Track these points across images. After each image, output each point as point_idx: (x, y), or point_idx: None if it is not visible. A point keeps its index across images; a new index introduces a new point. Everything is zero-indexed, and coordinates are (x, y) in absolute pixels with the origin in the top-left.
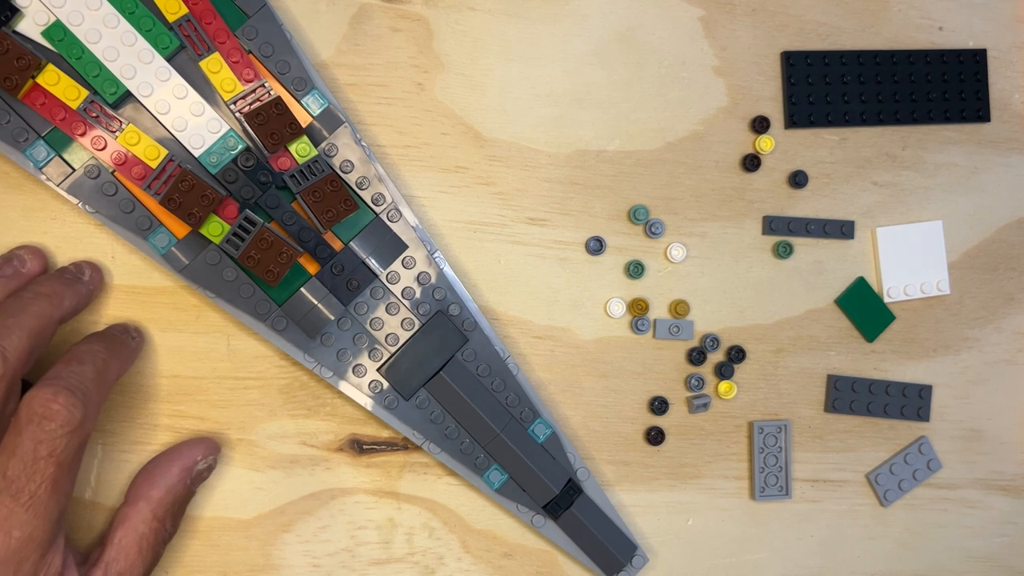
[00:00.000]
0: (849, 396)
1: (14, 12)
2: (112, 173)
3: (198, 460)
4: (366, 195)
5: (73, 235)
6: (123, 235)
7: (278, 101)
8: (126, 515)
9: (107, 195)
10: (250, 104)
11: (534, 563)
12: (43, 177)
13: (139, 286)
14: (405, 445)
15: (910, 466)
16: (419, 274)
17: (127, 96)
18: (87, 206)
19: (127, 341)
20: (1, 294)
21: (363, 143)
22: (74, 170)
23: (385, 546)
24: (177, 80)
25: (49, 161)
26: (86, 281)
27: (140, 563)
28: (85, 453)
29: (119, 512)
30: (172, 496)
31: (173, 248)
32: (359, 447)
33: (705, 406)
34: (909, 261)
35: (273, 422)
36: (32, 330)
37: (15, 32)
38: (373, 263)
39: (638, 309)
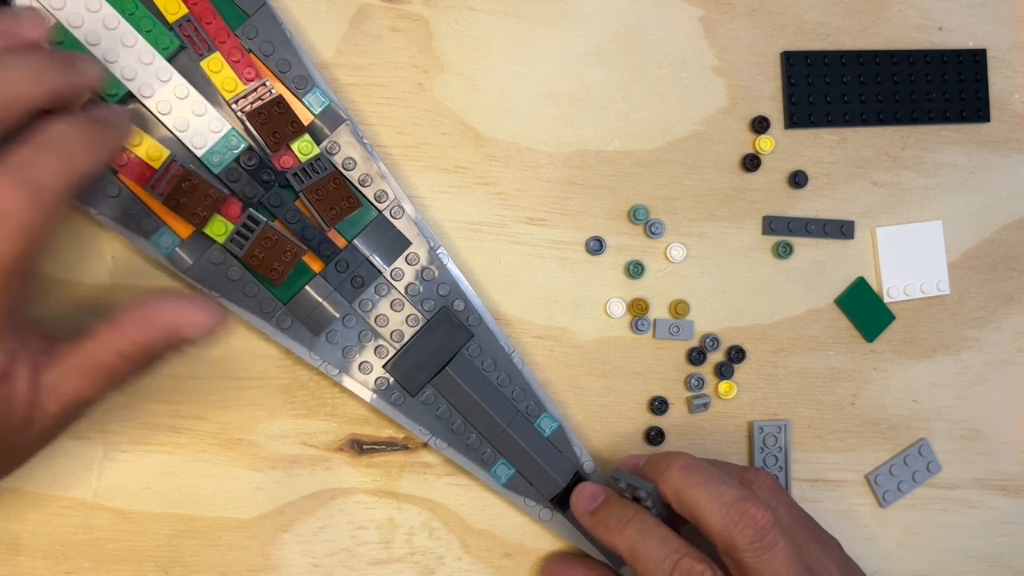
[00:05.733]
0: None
1: None
2: (115, 174)
3: (192, 325)
4: (368, 192)
5: (75, 236)
6: (127, 236)
7: (279, 100)
8: (99, 334)
9: (110, 196)
10: (251, 103)
11: (534, 563)
12: None
13: (140, 286)
14: (405, 445)
15: (910, 468)
16: (423, 270)
17: (128, 97)
18: (90, 207)
19: (106, 125)
20: None
21: (365, 140)
22: None
23: (385, 546)
24: (178, 80)
25: None
26: (79, 71)
27: (90, 388)
28: (85, 454)
29: (95, 327)
30: (146, 344)
31: (177, 248)
32: (359, 447)
33: (705, 406)
34: (909, 261)
35: (273, 422)
36: (5, 98)
37: None
38: (377, 260)
39: (638, 309)
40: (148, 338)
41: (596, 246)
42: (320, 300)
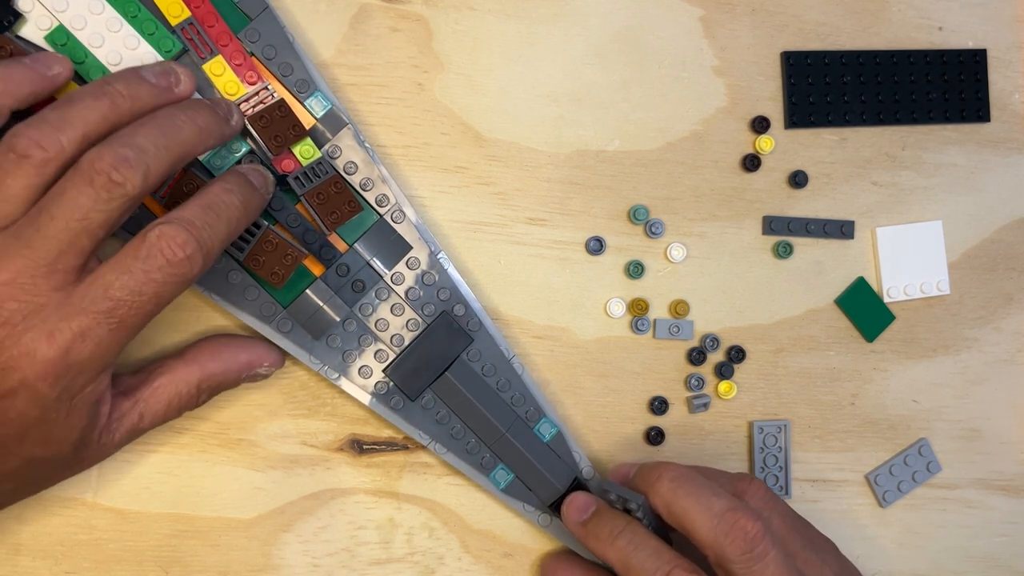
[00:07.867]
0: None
1: (17, 17)
2: None
3: (264, 364)
4: (370, 196)
5: None
6: (127, 239)
7: (281, 103)
8: (175, 368)
9: None
10: (253, 107)
11: (534, 563)
12: None
13: None
14: (405, 445)
15: (910, 468)
16: (423, 274)
17: None
18: None
19: (260, 194)
20: (149, 106)
21: (366, 144)
22: None
23: (385, 546)
24: None
25: None
26: (232, 125)
27: (162, 416)
28: None
29: (169, 362)
30: (223, 378)
31: None
32: (359, 447)
33: (705, 406)
34: (909, 261)
35: (273, 422)
36: (177, 157)
37: (18, 37)
38: (378, 264)
39: (638, 309)
40: (227, 373)
41: (596, 246)
42: (320, 304)
